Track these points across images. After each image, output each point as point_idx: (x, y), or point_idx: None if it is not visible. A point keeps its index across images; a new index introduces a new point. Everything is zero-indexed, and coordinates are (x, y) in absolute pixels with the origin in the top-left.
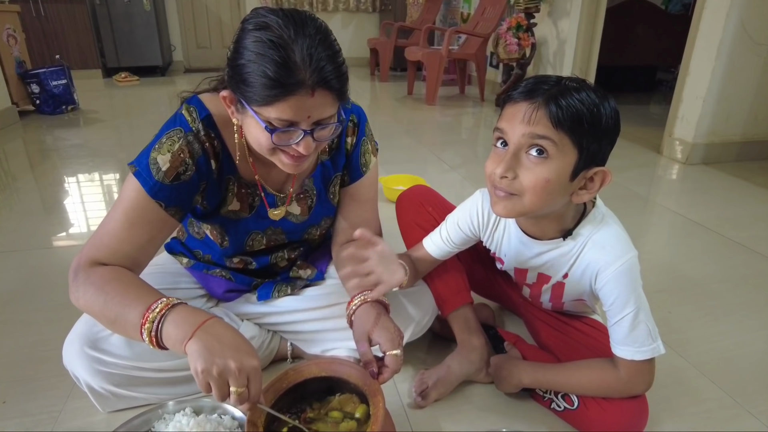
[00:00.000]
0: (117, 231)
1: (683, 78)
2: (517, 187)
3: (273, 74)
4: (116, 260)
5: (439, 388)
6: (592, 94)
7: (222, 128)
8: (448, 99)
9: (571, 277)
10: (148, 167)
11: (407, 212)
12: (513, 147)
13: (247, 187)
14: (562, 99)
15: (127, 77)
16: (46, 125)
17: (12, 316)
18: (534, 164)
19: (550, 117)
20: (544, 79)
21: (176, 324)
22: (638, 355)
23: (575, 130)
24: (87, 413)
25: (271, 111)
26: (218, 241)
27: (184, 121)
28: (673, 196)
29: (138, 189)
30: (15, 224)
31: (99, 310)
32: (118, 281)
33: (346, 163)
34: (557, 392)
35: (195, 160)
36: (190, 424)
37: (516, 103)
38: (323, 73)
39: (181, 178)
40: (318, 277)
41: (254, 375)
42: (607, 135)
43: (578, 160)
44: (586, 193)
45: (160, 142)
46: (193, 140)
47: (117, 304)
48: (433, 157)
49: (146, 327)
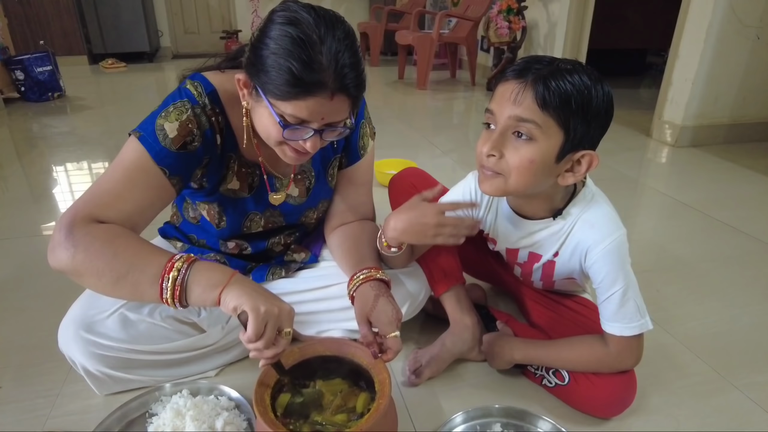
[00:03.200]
0: (119, 190)
1: (672, 61)
2: (502, 167)
3: (297, 72)
4: (117, 220)
5: (432, 366)
6: (584, 77)
7: (226, 105)
8: (438, 83)
9: (562, 255)
10: (154, 133)
11: (400, 194)
12: (500, 127)
13: (247, 166)
14: (551, 80)
15: (114, 63)
16: (32, 112)
17: (5, 303)
18: (519, 145)
19: (536, 97)
20: (538, 58)
21: (208, 270)
22: (627, 331)
23: (562, 112)
24: (84, 396)
25: (288, 107)
26: (215, 221)
27: (190, 94)
28: (661, 178)
29: (142, 153)
30: (3, 212)
31: (105, 264)
32: (127, 237)
33: (345, 145)
34: (548, 369)
35: (202, 132)
36: (188, 404)
37: (507, 81)
38: (345, 80)
39: (188, 148)
40: (312, 260)
41: (290, 320)
42: (596, 119)
43: (564, 143)
44: (571, 176)
45: (167, 111)
46: (200, 113)
47: (131, 256)
48: (425, 142)
49: (171, 275)
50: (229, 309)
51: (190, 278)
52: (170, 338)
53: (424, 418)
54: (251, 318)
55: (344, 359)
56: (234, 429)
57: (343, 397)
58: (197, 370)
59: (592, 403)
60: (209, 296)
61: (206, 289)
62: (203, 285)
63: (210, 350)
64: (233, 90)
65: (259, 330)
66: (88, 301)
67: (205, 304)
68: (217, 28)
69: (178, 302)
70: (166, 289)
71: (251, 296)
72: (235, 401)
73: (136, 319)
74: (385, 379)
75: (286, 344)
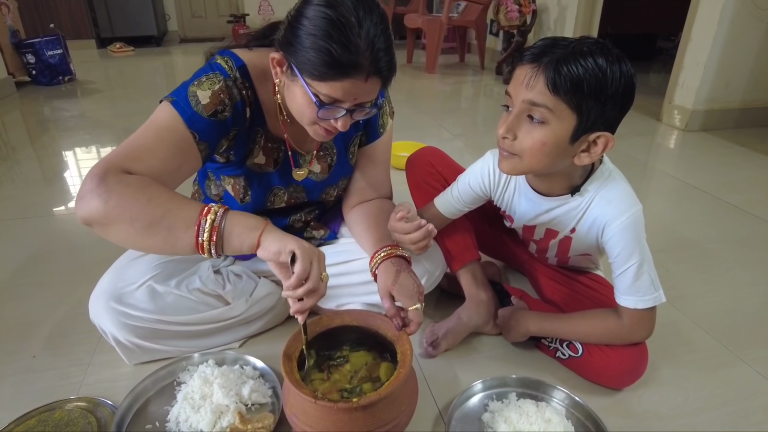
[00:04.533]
0: (149, 146)
1: (684, 44)
2: (517, 148)
3: (337, 54)
4: (146, 174)
5: (448, 339)
6: (600, 59)
7: (255, 81)
8: (447, 67)
9: (578, 231)
10: (187, 99)
11: (417, 172)
12: (515, 110)
13: (273, 141)
14: (563, 64)
15: (122, 47)
16: (43, 96)
17: (31, 278)
18: (532, 128)
19: (548, 82)
20: (556, 42)
21: (243, 216)
22: (641, 304)
23: (574, 96)
24: (114, 366)
25: (323, 87)
26: (240, 196)
27: (221, 67)
28: (671, 161)
29: (174, 116)
30: (21, 193)
31: (139, 208)
32: (161, 186)
33: (366, 123)
34: (562, 341)
35: (233, 104)
36: (215, 373)
37: (522, 65)
38: (380, 63)
39: (218, 116)
40: (331, 237)
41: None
42: (612, 100)
43: (578, 125)
44: (587, 156)
45: (199, 80)
46: (232, 85)
47: (166, 201)
48: (434, 125)
49: (209, 217)
50: (271, 252)
51: (227, 222)
52: (196, 310)
53: (441, 388)
54: (300, 256)
55: (369, 330)
56: (260, 396)
57: (368, 369)
58: (221, 341)
59: (605, 374)
60: (247, 239)
61: (244, 231)
62: (241, 228)
63: (234, 322)
64: (262, 66)
65: (307, 268)
66: (117, 273)
67: (242, 248)
68: (225, 12)
69: (214, 246)
70: (203, 231)
71: (293, 238)
72: (259, 371)
73: (163, 291)
74: (407, 350)
75: (324, 291)
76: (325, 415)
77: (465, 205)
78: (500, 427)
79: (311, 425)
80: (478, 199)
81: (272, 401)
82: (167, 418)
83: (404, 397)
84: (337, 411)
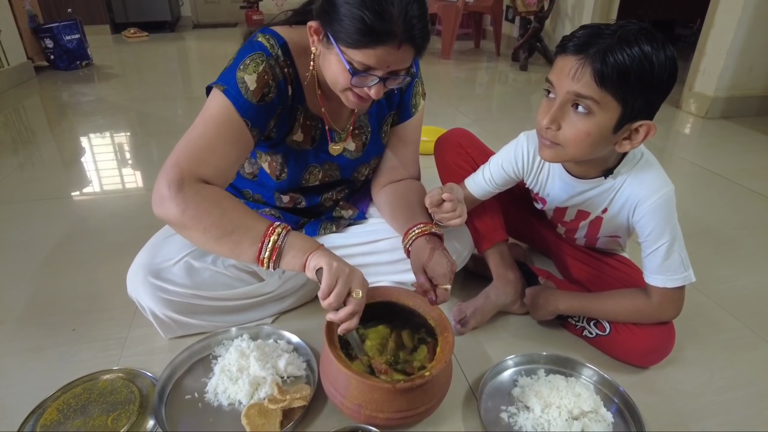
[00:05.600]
0: (212, 146)
1: (707, 30)
2: (560, 139)
3: (369, 22)
4: (215, 175)
5: (477, 317)
6: (646, 46)
7: (296, 58)
8: (462, 53)
9: (610, 212)
10: (237, 86)
11: (447, 154)
12: (559, 100)
13: (311, 119)
14: (610, 55)
15: (136, 33)
16: (61, 80)
17: (65, 256)
18: (577, 119)
19: (595, 75)
20: (598, 31)
21: (301, 239)
22: (670, 283)
23: (620, 88)
24: (150, 340)
25: (357, 54)
26: (276, 173)
27: (263, 46)
28: (691, 148)
29: (228, 106)
30: (45, 174)
31: (213, 222)
32: (233, 200)
33: (399, 101)
34: (590, 320)
35: (276, 83)
36: (251, 346)
37: (566, 56)
38: (413, 30)
39: (266, 99)
40: (360, 217)
41: (366, 288)
42: (657, 88)
43: (622, 115)
44: (629, 144)
45: (244, 63)
46: (274, 64)
47: (238, 216)
48: (452, 110)
49: (272, 238)
50: (311, 269)
51: (286, 243)
52: (231, 286)
53: (471, 364)
54: (324, 271)
55: (381, 303)
56: (295, 369)
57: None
58: (255, 317)
59: (632, 352)
60: (299, 260)
61: (298, 253)
62: (296, 249)
63: (267, 298)
64: (302, 43)
65: (332, 283)
66: (154, 249)
67: (294, 267)
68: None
69: (272, 263)
70: (266, 249)
71: (329, 257)
72: (294, 345)
73: (200, 267)
74: (444, 319)
75: (356, 305)
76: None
77: (496, 187)
78: (531, 401)
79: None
80: (509, 181)
81: (307, 374)
82: (205, 389)
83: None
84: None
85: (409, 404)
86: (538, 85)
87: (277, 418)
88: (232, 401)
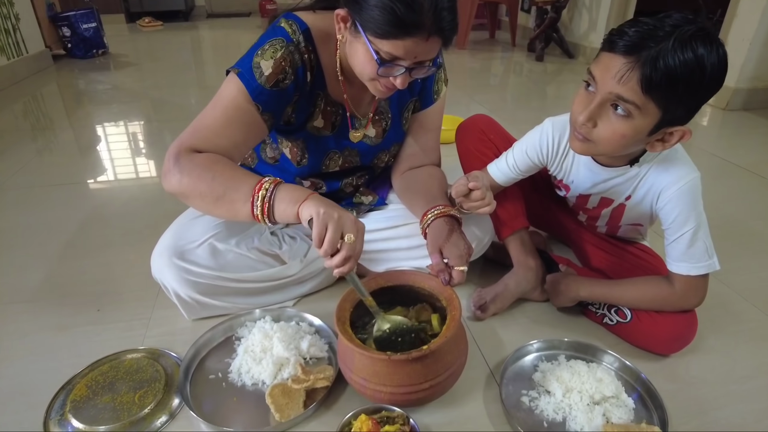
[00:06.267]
0: (216, 127)
1: (730, 20)
2: (593, 136)
3: (400, 13)
4: (214, 152)
5: (497, 303)
6: (700, 49)
7: (318, 44)
8: (477, 43)
9: (633, 199)
10: (251, 70)
11: (468, 140)
12: (599, 98)
13: (332, 105)
14: (661, 61)
15: (151, 22)
16: (78, 69)
17: (87, 239)
18: (614, 119)
19: (642, 81)
20: (653, 31)
21: (290, 190)
22: (694, 271)
23: (664, 96)
24: (173, 321)
25: (385, 44)
26: (296, 159)
27: (285, 32)
28: (711, 140)
29: (240, 89)
30: (65, 160)
31: (206, 187)
32: (224, 163)
33: (421, 88)
34: (610, 307)
35: (294, 70)
36: (274, 328)
37: (614, 55)
38: (442, 23)
39: (280, 86)
40: (380, 203)
41: (361, 233)
42: (702, 93)
43: (661, 121)
44: (660, 146)
45: (263, 49)
46: (294, 50)
47: (227, 179)
48: (468, 99)
49: (260, 194)
50: (304, 220)
51: (276, 196)
52: (254, 268)
53: (491, 350)
54: (314, 219)
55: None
56: (317, 350)
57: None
58: (276, 299)
59: (653, 340)
60: (291, 211)
61: (288, 204)
62: (286, 201)
63: (289, 281)
64: (326, 29)
65: (321, 231)
66: (178, 231)
67: (288, 218)
68: None
69: (267, 218)
70: (257, 205)
71: (317, 204)
72: (315, 327)
73: (224, 249)
74: (453, 297)
75: (348, 250)
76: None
77: (519, 174)
78: (552, 386)
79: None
80: (533, 168)
81: (329, 355)
82: (229, 369)
83: (461, 340)
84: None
85: (411, 378)
86: (554, 76)
87: (301, 398)
88: (255, 381)
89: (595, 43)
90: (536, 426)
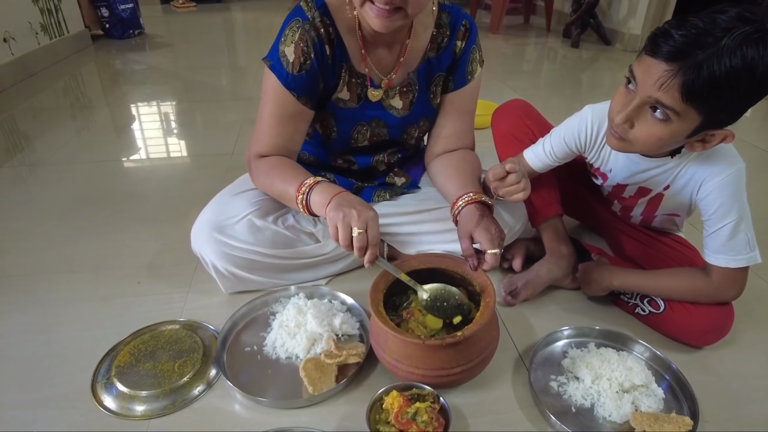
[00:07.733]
0: (269, 129)
1: None
2: (630, 136)
3: None
4: (274, 152)
5: (528, 289)
6: (751, 50)
7: (335, 13)
8: (511, 28)
9: (672, 188)
10: (280, 60)
11: (505, 124)
12: (638, 101)
13: (357, 77)
14: (705, 68)
15: (185, 3)
16: (115, 49)
17: (128, 214)
18: (652, 122)
19: (683, 89)
20: (701, 37)
21: (320, 194)
22: (733, 263)
23: (705, 104)
24: (210, 295)
25: None
26: (327, 132)
27: (301, 11)
28: (753, 132)
29: (275, 83)
30: (104, 137)
31: (269, 189)
32: (278, 168)
33: (452, 66)
34: (643, 298)
35: (312, 47)
36: (308, 304)
37: (656, 60)
38: None
39: (305, 67)
40: (413, 186)
41: (372, 221)
42: (748, 97)
43: (699, 126)
44: (700, 146)
45: (285, 35)
46: (309, 28)
47: (281, 183)
48: (501, 85)
49: (299, 198)
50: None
51: (310, 200)
52: (290, 245)
53: (520, 335)
54: (329, 224)
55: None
56: (349, 327)
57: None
58: (310, 277)
59: (687, 331)
60: (322, 213)
61: (319, 208)
62: (317, 205)
63: (323, 260)
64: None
65: (334, 233)
66: (219, 207)
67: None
68: None
69: (312, 217)
70: (300, 206)
71: (334, 209)
72: (347, 305)
73: (262, 226)
74: (486, 282)
75: (358, 242)
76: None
77: (556, 160)
78: (581, 372)
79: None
80: (570, 155)
81: (360, 333)
82: (264, 343)
83: (494, 327)
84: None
85: (443, 363)
86: (589, 63)
87: (333, 372)
88: (289, 355)
89: (634, 29)
90: (564, 410)
